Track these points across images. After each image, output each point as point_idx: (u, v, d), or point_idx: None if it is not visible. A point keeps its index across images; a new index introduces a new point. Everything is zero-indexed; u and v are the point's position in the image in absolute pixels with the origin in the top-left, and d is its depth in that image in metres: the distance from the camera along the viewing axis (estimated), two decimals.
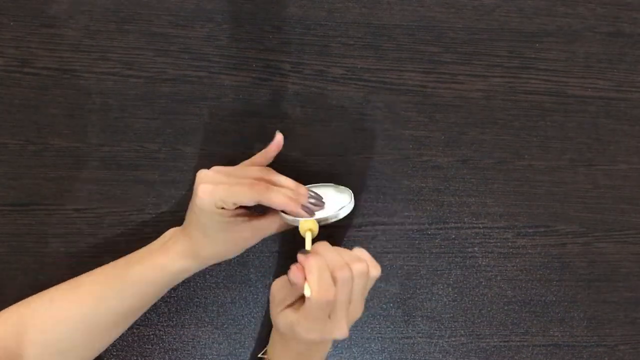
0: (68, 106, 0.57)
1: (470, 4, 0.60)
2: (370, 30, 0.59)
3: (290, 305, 0.44)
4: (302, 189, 0.47)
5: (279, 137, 0.49)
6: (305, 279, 0.41)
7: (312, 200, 0.47)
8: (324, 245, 0.44)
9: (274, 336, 0.49)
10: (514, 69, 0.60)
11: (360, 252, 0.45)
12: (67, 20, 0.58)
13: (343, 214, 0.48)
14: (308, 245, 0.46)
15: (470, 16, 0.60)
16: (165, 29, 0.58)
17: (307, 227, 0.46)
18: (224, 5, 0.59)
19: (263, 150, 0.50)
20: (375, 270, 0.45)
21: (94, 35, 0.58)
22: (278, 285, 0.45)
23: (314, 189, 0.49)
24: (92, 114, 0.57)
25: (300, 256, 0.42)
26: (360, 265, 0.43)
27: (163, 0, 0.58)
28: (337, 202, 0.49)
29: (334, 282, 0.41)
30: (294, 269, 0.41)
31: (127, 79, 0.57)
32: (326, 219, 0.48)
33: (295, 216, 0.47)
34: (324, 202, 0.48)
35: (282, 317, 0.44)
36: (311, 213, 0.47)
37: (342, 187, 0.51)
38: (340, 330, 0.43)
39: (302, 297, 0.43)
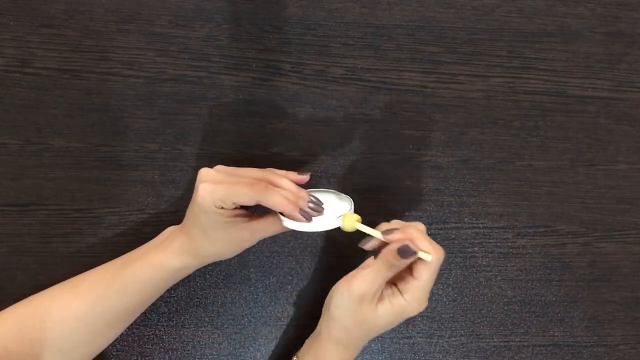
0: (68, 106, 0.57)
1: (470, 4, 0.60)
2: (370, 30, 0.59)
3: (381, 299, 0.45)
4: (302, 192, 0.47)
5: (305, 177, 0.49)
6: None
7: (311, 205, 0.46)
8: (391, 223, 0.46)
9: (330, 351, 0.48)
10: (514, 69, 0.60)
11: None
12: (67, 20, 0.58)
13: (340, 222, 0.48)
14: (371, 231, 0.46)
15: (470, 16, 0.60)
16: (165, 29, 0.58)
17: (354, 220, 0.46)
18: (224, 5, 0.59)
19: (286, 171, 0.49)
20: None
21: (94, 35, 0.58)
22: (367, 282, 0.45)
23: (315, 194, 0.48)
24: (92, 114, 0.57)
25: (392, 236, 0.44)
26: (422, 227, 0.47)
27: (163, 0, 0.58)
28: (337, 209, 0.48)
29: None
30: (407, 243, 0.43)
31: (127, 79, 0.57)
32: (324, 226, 0.47)
33: (292, 219, 0.46)
34: (323, 208, 0.47)
35: (385, 308, 0.45)
36: (309, 218, 0.46)
37: (343, 195, 0.50)
38: (426, 301, 0.46)
39: (389, 283, 0.46)
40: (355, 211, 0.47)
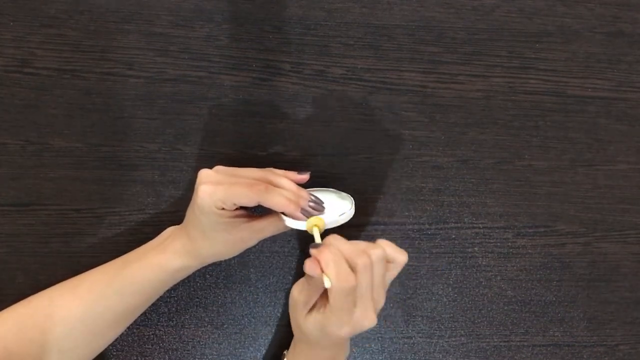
0: (68, 106, 0.57)
1: (470, 4, 0.60)
2: (370, 30, 0.59)
3: (313, 308, 0.44)
4: (303, 192, 0.47)
5: (305, 177, 0.49)
6: (322, 270, 0.41)
7: (312, 204, 0.46)
8: (335, 237, 0.44)
9: (297, 345, 0.49)
10: (514, 69, 0.60)
11: (382, 242, 0.45)
12: (67, 20, 0.58)
13: (343, 220, 0.48)
14: (318, 239, 0.45)
15: (470, 16, 0.60)
16: (165, 29, 0.58)
17: (313, 223, 0.46)
18: (224, 5, 0.59)
19: (285, 171, 0.49)
20: (401, 256, 0.45)
21: (94, 35, 0.58)
22: (298, 288, 0.44)
23: (316, 194, 0.48)
24: (92, 114, 0.57)
25: (312, 250, 0.42)
26: (377, 251, 0.43)
27: (163, 0, 0.58)
28: (338, 208, 0.48)
29: (352, 270, 0.41)
30: (309, 262, 0.41)
31: (127, 79, 0.57)
32: (325, 224, 0.47)
33: (293, 219, 0.46)
34: (324, 207, 0.47)
35: (311, 320, 0.44)
36: (310, 217, 0.46)
37: (344, 194, 0.51)
38: (369, 319, 0.43)
39: (325, 296, 0.43)
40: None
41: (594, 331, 0.59)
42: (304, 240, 0.57)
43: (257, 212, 0.50)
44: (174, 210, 0.57)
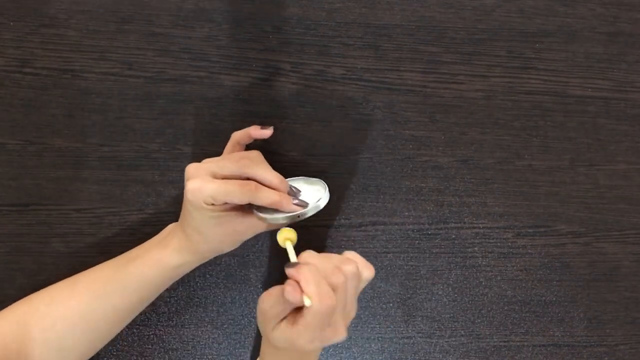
0: (68, 106, 0.57)
1: (470, 4, 0.60)
2: (370, 30, 0.59)
3: (282, 320, 0.43)
4: (284, 183, 0.47)
5: (268, 132, 0.50)
6: (302, 291, 0.40)
7: (296, 193, 0.47)
8: (310, 254, 0.43)
9: (265, 350, 0.47)
10: (514, 69, 0.60)
11: (351, 255, 0.45)
12: (67, 20, 0.58)
13: (322, 204, 0.47)
14: (292, 256, 0.44)
15: (470, 16, 0.60)
16: (165, 29, 0.58)
17: (285, 236, 0.45)
18: (224, 5, 0.59)
19: (246, 129, 0.50)
20: (368, 272, 0.45)
21: (94, 35, 0.58)
22: (270, 302, 0.42)
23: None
24: (92, 114, 0.57)
25: (289, 270, 0.41)
26: (351, 267, 0.43)
27: (163, 0, 0.58)
28: (313, 194, 0.48)
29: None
30: (289, 288, 0.40)
31: (127, 79, 0.57)
32: (305, 212, 0.47)
33: (288, 211, 0.46)
34: (300, 192, 0.48)
35: (279, 333, 0.42)
36: (305, 205, 0.46)
37: (314, 179, 0.50)
38: (340, 333, 0.42)
39: (296, 308, 0.42)
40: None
41: (594, 331, 0.59)
42: (304, 240, 0.57)
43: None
44: (174, 210, 0.57)
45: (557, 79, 0.60)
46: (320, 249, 0.57)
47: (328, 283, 0.41)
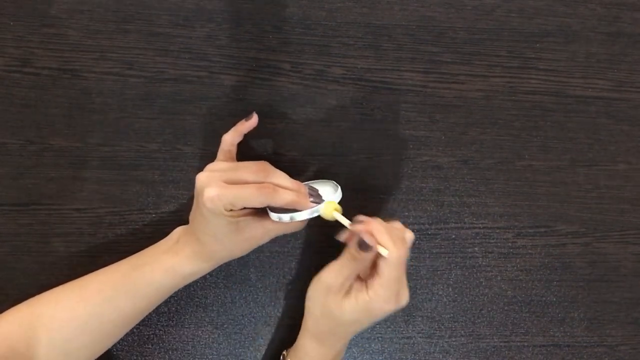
0: (68, 106, 0.57)
1: (470, 4, 0.60)
2: (370, 30, 0.59)
3: (349, 292, 0.45)
4: (302, 186, 0.47)
5: (254, 119, 0.51)
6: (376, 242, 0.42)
7: (313, 193, 0.47)
8: (365, 217, 0.45)
9: (307, 344, 0.48)
10: (514, 69, 0.60)
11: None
12: (67, 20, 0.58)
13: (337, 199, 0.48)
14: (345, 220, 0.45)
15: (470, 16, 0.60)
16: (165, 29, 0.58)
17: (333, 207, 0.46)
18: (224, 5, 0.59)
19: (233, 129, 0.51)
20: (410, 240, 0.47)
21: (94, 35, 0.58)
22: (333, 274, 0.44)
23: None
24: (92, 114, 0.57)
25: (357, 226, 0.43)
26: (409, 232, 0.46)
27: (163, 0, 0.58)
28: (328, 191, 0.48)
29: None
30: (365, 235, 0.42)
31: (127, 79, 0.57)
32: (320, 209, 0.47)
33: (304, 209, 0.46)
34: (320, 195, 0.48)
35: (352, 301, 0.44)
36: (321, 201, 0.47)
37: (324, 180, 0.51)
38: (406, 294, 0.45)
39: (360, 278, 0.45)
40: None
41: (594, 331, 0.59)
42: (304, 240, 0.57)
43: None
44: (174, 210, 0.57)
45: (558, 79, 0.60)
46: (320, 249, 0.57)
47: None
